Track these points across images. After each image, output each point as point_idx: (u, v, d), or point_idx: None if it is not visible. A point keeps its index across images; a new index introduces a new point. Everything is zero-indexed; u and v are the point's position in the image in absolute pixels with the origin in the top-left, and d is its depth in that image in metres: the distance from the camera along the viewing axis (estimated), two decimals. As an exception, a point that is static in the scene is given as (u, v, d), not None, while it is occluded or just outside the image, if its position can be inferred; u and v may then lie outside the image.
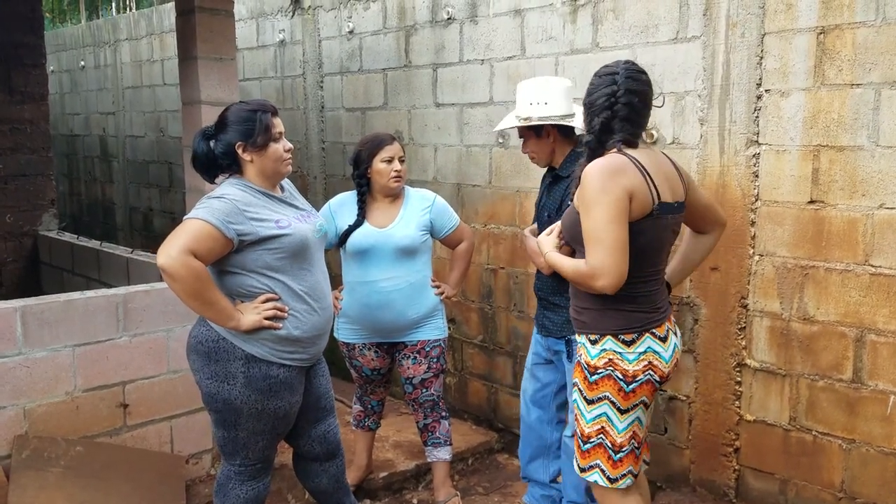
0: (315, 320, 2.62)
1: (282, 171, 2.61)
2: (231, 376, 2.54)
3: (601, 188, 2.28)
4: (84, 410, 3.33)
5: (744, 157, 3.18)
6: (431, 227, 3.37)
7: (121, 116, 7.88)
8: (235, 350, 2.53)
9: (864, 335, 2.94)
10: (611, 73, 2.40)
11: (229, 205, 2.46)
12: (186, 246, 2.36)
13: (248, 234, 2.46)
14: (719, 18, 3.19)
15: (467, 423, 4.49)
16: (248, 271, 2.52)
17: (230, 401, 2.55)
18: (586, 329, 2.47)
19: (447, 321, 3.54)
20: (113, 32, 7.85)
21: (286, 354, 2.58)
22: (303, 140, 5.47)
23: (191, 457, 3.66)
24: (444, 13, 4.33)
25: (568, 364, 3.07)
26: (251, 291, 2.53)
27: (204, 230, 2.39)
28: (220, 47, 3.87)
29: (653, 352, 2.41)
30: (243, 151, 2.55)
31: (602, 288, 2.30)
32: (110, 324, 3.37)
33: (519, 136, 3.10)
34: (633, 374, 2.39)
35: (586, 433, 2.47)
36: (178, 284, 2.39)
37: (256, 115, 2.54)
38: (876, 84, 2.82)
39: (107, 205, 8.34)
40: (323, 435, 2.86)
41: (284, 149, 2.59)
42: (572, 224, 2.44)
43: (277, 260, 2.52)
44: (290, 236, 2.52)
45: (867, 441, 2.97)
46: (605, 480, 2.46)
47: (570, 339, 3.01)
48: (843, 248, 2.96)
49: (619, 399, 2.40)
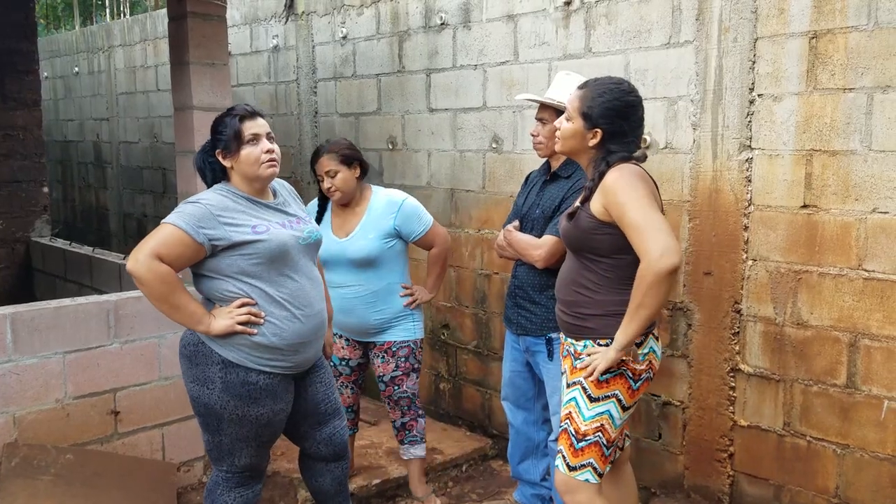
0: (297, 328, 2.58)
1: (261, 174, 2.57)
2: (209, 381, 2.54)
3: (632, 184, 2.37)
4: (75, 418, 3.31)
5: (736, 162, 3.18)
6: (398, 232, 3.36)
7: (115, 122, 7.87)
8: (213, 354, 2.54)
9: (858, 340, 2.93)
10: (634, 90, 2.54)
11: (202, 209, 2.47)
12: (154, 250, 2.40)
13: (220, 238, 2.46)
14: (712, 23, 3.19)
15: (461, 429, 4.47)
16: (224, 276, 2.51)
17: (210, 405, 2.56)
18: (595, 334, 2.50)
19: (441, 326, 3.53)
20: (107, 38, 7.84)
21: (265, 361, 2.56)
22: (297, 145, 5.46)
23: (182, 464, 3.64)
24: (437, 19, 4.33)
25: (548, 363, 3.08)
26: (227, 296, 2.53)
27: (174, 235, 2.42)
28: (212, 53, 3.86)
29: (653, 351, 2.52)
30: (223, 158, 2.58)
31: (673, 265, 2.28)
32: (101, 330, 3.35)
33: (537, 119, 3.11)
34: (639, 373, 2.49)
35: (583, 431, 2.47)
36: (145, 288, 2.44)
37: (226, 121, 2.56)
38: (868, 88, 2.81)
39: (101, 211, 8.31)
40: (329, 437, 2.85)
41: (263, 150, 2.55)
42: (582, 232, 2.48)
43: (253, 266, 2.50)
44: (266, 242, 2.50)
45: (861, 446, 2.96)
46: (595, 477, 2.50)
47: (551, 338, 3.03)
48: (837, 252, 2.95)
49: (626, 397, 2.48)
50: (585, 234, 2.47)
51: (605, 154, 2.49)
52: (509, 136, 4.06)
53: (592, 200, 2.46)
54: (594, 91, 2.50)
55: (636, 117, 2.52)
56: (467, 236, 4.36)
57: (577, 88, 2.57)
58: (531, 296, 3.10)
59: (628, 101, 2.50)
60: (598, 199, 2.44)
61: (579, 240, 2.51)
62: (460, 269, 4.43)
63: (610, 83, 2.53)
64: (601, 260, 2.48)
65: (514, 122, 4.03)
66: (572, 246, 2.57)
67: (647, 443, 3.62)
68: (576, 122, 2.52)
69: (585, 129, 2.50)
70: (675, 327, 3.44)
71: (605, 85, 2.52)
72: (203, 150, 2.66)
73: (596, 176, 2.48)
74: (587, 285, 2.52)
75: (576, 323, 2.55)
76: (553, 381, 3.09)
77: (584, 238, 2.48)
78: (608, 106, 2.47)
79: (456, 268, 4.44)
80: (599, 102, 2.47)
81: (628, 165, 2.45)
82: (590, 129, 2.49)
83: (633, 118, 2.51)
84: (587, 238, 2.47)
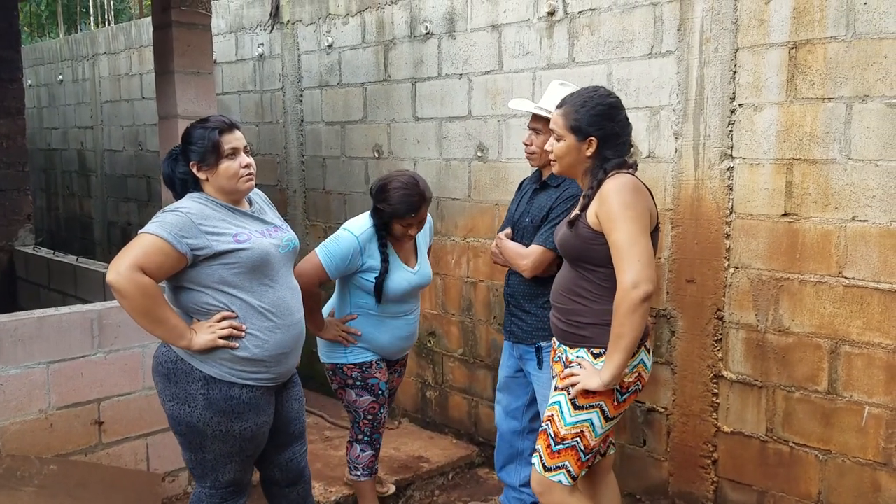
0: (279, 338, 2.53)
1: (239, 188, 2.52)
2: (191, 398, 2.47)
3: (627, 203, 2.38)
4: (58, 428, 3.29)
5: (718, 171, 3.21)
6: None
7: (99, 130, 7.83)
8: (193, 371, 2.46)
9: (839, 346, 2.97)
10: (611, 93, 2.58)
11: (183, 218, 2.39)
12: (135, 262, 2.31)
13: (202, 248, 2.39)
14: (693, 34, 3.22)
15: (448, 437, 4.47)
16: (203, 287, 2.44)
17: (192, 423, 2.49)
18: (589, 343, 2.52)
19: (428, 334, 3.56)
20: (91, 46, 7.81)
21: (248, 375, 2.50)
22: (282, 154, 5.46)
23: (167, 474, 3.62)
24: (422, 28, 4.35)
25: (537, 372, 3.11)
26: (207, 309, 2.46)
27: (155, 245, 2.34)
28: (197, 61, 3.87)
29: (642, 363, 2.54)
30: (198, 170, 2.50)
31: (646, 292, 2.35)
32: (85, 340, 3.33)
33: (530, 128, 3.13)
34: (626, 386, 2.49)
35: (562, 434, 2.51)
36: (126, 302, 2.35)
37: (206, 134, 2.47)
38: (847, 98, 2.85)
39: (85, 219, 8.27)
40: (286, 462, 2.79)
41: (241, 165, 2.49)
42: (581, 242, 2.49)
43: (234, 275, 2.44)
44: (248, 251, 2.44)
45: (843, 452, 2.99)
46: (569, 480, 2.53)
47: (540, 347, 3.06)
48: (817, 260, 2.99)
49: (611, 408, 2.49)
50: (583, 243, 2.49)
51: (601, 162, 2.51)
52: (494, 145, 4.08)
53: (589, 210, 2.48)
54: (574, 104, 2.53)
55: (622, 117, 2.55)
56: (453, 244, 4.38)
57: (556, 108, 2.60)
58: (522, 304, 3.12)
59: (610, 103, 2.54)
60: (594, 208, 2.46)
61: (576, 248, 2.52)
62: (446, 276, 4.44)
63: (586, 93, 2.57)
64: (598, 269, 2.49)
65: (499, 131, 4.05)
66: (570, 255, 2.57)
67: (631, 449, 3.64)
68: (567, 139, 2.53)
69: (578, 141, 2.52)
70: (658, 334, 3.47)
71: (582, 96, 2.56)
72: (171, 159, 2.57)
73: (594, 184, 2.49)
74: (583, 294, 2.54)
75: (571, 331, 2.56)
76: (543, 389, 3.11)
77: (581, 247, 2.50)
78: (593, 112, 2.50)
79: (442, 275, 4.45)
80: (584, 112, 2.50)
81: (626, 176, 2.46)
82: (583, 140, 2.51)
83: (619, 118, 2.54)
84: (584, 248, 2.49)
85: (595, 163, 2.53)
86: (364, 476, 3.35)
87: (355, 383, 3.22)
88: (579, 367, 2.50)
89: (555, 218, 2.98)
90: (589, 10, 3.57)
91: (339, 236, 3.11)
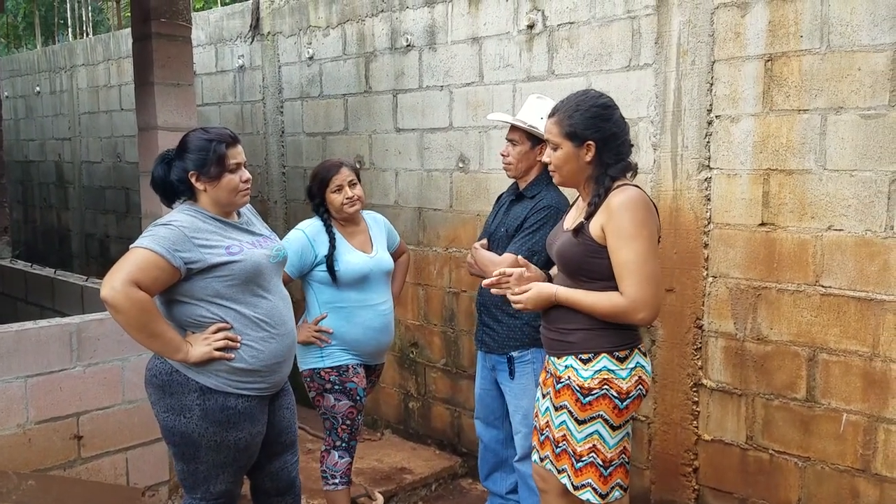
0: (274, 347, 2.55)
1: (237, 202, 2.55)
2: (187, 409, 2.47)
3: (642, 222, 2.32)
4: (36, 443, 3.25)
5: (696, 182, 3.25)
6: (388, 245, 3.44)
7: (77, 142, 7.78)
8: (189, 382, 2.47)
9: (817, 354, 3.00)
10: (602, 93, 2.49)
11: (176, 232, 2.39)
12: (130, 276, 2.30)
13: (196, 261, 2.40)
14: (670, 46, 3.27)
15: (430, 448, 4.47)
16: (197, 300, 2.45)
17: (187, 434, 2.49)
18: (576, 349, 2.44)
19: (410, 345, 3.55)
20: (69, 58, 7.76)
21: (244, 384, 2.51)
22: (263, 165, 5.45)
23: (147, 489, 3.58)
24: (403, 40, 4.37)
25: (509, 382, 3.12)
26: (201, 321, 2.46)
27: (149, 259, 2.33)
28: (177, 73, 3.85)
29: (641, 367, 2.45)
30: (196, 180, 2.49)
31: (642, 320, 2.33)
32: (64, 354, 3.30)
33: (508, 139, 3.14)
34: (627, 391, 2.40)
35: (578, 451, 2.44)
36: (122, 317, 2.34)
37: (211, 146, 2.46)
38: (822, 109, 2.90)
39: (62, 232, 8.19)
40: (277, 471, 2.78)
41: (242, 179, 2.52)
42: (583, 253, 2.40)
43: (228, 288, 2.45)
44: (241, 262, 2.45)
45: (822, 459, 3.03)
46: (597, 497, 2.44)
47: (512, 357, 3.07)
48: (794, 269, 3.03)
49: (613, 417, 2.41)
50: (584, 254, 2.40)
51: (603, 168, 2.41)
52: (475, 156, 4.11)
53: (594, 221, 2.38)
54: (567, 110, 2.43)
55: (617, 116, 2.44)
56: (435, 255, 4.39)
57: (548, 117, 2.50)
58: (494, 314, 3.14)
59: (603, 104, 2.43)
60: (599, 220, 2.36)
61: (576, 259, 2.42)
62: (429, 287, 4.45)
63: (577, 97, 2.47)
64: (594, 283, 2.41)
65: (480, 142, 4.07)
66: (568, 265, 2.47)
67: (613, 459, 3.66)
68: (564, 147, 2.43)
69: (576, 147, 2.41)
70: (639, 344, 3.49)
71: (574, 100, 2.45)
72: (164, 163, 2.54)
73: (601, 192, 2.39)
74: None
75: (557, 338, 2.50)
76: (515, 399, 3.12)
77: (581, 258, 2.41)
78: (588, 115, 2.40)
79: (424, 286, 4.46)
80: (578, 117, 2.40)
81: (636, 191, 2.37)
82: (581, 146, 2.41)
83: (615, 117, 2.43)
84: (584, 259, 2.40)
85: (598, 169, 2.42)
86: (341, 485, 3.33)
87: (333, 387, 3.22)
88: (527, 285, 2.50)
89: (528, 227, 3.00)
90: (568, 23, 3.61)
91: (288, 236, 3.27)
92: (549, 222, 2.93)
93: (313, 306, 3.27)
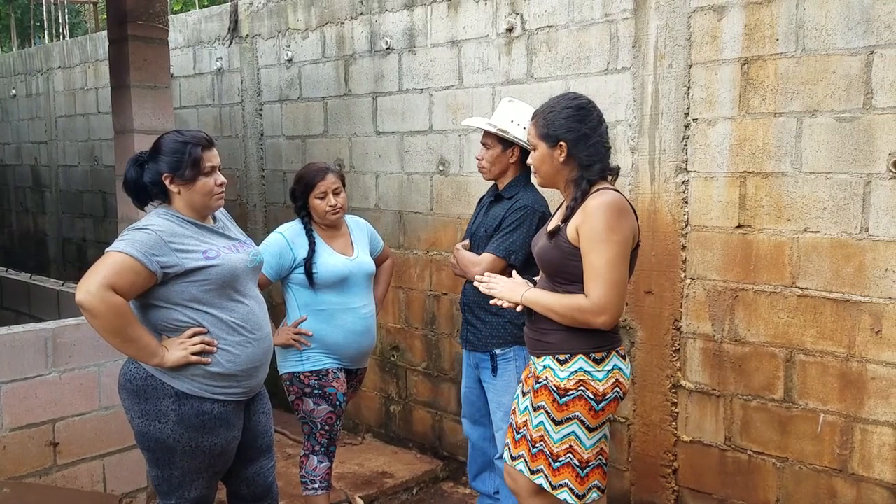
0: (250, 352, 2.54)
1: (211, 206, 2.53)
2: (162, 414, 2.45)
3: (614, 227, 2.34)
4: (11, 450, 3.20)
5: (673, 184, 3.27)
6: (370, 249, 3.43)
7: (53, 146, 7.69)
8: (165, 387, 2.44)
9: (794, 355, 3.03)
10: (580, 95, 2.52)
11: (153, 236, 2.37)
12: (106, 281, 2.28)
13: (172, 266, 2.38)
14: (648, 50, 3.29)
15: (412, 451, 4.46)
16: (173, 304, 2.43)
17: (162, 440, 2.46)
18: (553, 350, 2.46)
19: (391, 348, 3.53)
20: (45, 60, 7.68)
21: (220, 389, 2.49)
22: (242, 168, 5.42)
23: (124, 496, 3.54)
24: (382, 43, 4.36)
25: (492, 379, 3.13)
26: (177, 326, 2.45)
27: (125, 263, 2.31)
28: (154, 75, 3.82)
29: (618, 369, 2.47)
30: (170, 183, 2.47)
31: (602, 324, 2.36)
32: (39, 359, 3.26)
33: (481, 143, 3.16)
34: (603, 393, 2.42)
35: (555, 452, 2.46)
36: (97, 321, 2.32)
37: (186, 148, 2.45)
38: (798, 112, 2.93)
39: (39, 236, 8.09)
40: (253, 477, 2.76)
41: (216, 183, 2.50)
42: (560, 256, 2.43)
43: (204, 292, 2.43)
44: (218, 267, 2.44)
45: (800, 459, 3.05)
46: (573, 498, 2.46)
47: (495, 354, 3.09)
48: (771, 271, 3.05)
49: (589, 418, 2.43)
50: (562, 256, 2.43)
51: (581, 171, 2.44)
52: (456, 159, 4.11)
53: (570, 224, 2.41)
54: (544, 112, 2.49)
55: (593, 117, 2.46)
56: (416, 258, 4.38)
57: (531, 119, 2.55)
58: (476, 312, 3.15)
59: (577, 105, 2.46)
60: (575, 223, 2.39)
61: (555, 262, 2.45)
62: (409, 290, 4.44)
63: (555, 99, 2.51)
64: (572, 285, 2.43)
65: (460, 145, 4.07)
66: (548, 268, 2.50)
67: (594, 461, 3.67)
68: (540, 147, 2.48)
69: (549, 148, 2.45)
70: (619, 346, 3.50)
71: (551, 102, 2.51)
72: (137, 165, 2.52)
73: (578, 195, 2.42)
74: None
75: (536, 338, 2.52)
76: (497, 396, 3.12)
77: (559, 261, 2.44)
78: (562, 116, 2.44)
79: (405, 289, 4.45)
80: (552, 117, 2.45)
81: (613, 194, 2.39)
82: (554, 146, 2.44)
83: (589, 119, 2.45)
84: (562, 262, 2.43)
85: (576, 172, 2.44)
86: (321, 489, 3.30)
87: (313, 391, 3.20)
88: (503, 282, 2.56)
89: (505, 227, 3.03)
90: (546, 26, 3.62)
91: (267, 239, 3.26)
92: (526, 222, 2.99)
93: (293, 309, 3.26)
